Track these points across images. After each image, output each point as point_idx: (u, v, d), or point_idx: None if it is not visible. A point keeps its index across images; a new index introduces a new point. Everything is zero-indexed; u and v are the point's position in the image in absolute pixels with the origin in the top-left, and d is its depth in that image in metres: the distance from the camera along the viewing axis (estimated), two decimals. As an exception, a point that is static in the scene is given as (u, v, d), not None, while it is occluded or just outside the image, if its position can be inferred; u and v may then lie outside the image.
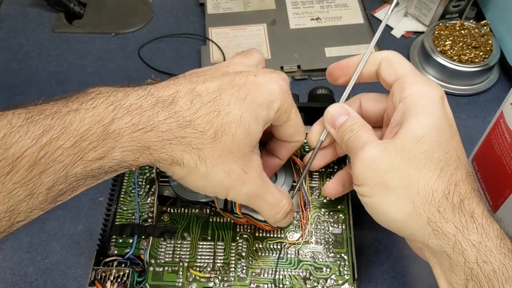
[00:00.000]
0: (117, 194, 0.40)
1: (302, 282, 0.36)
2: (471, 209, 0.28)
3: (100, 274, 0.36)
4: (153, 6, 0.64)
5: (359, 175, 0.30)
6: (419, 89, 0.31)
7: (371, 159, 0.29)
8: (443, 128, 0.29)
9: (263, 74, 0.32)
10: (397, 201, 0.29)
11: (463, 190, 0.28)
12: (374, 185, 0.29)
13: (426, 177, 0.28)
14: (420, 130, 0.29)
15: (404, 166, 0.28)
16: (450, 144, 0.29)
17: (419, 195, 0.28)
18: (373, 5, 0.64)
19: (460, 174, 0.29)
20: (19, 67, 0.57)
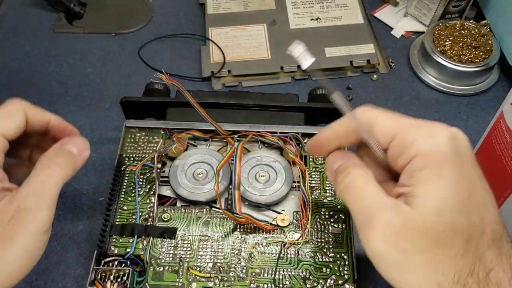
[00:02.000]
0: (117, 194, 0.40)
1: (302, 282, 0.36)
2: (498, 280, 0.25)
3: (100, 274, 0.36)
4: (153, 6, 0.64)
5: (376, 249, 0.26)
6: (423, 146, 0.26)
7: (392, 234, 0.25)
8: (461, 189, 0.25)
9: None
10: (420, 282, 0.25)
11: (488, 261, 0.25)
12: (394, 262, 0.26)
13: (452, 255, 0.25)
14: (438, 201, 0.25)
15: (429, 247, 0.25)
16: (471, 205, 0.25)
17: (445, 276, 0.25)
18: (373, 5, 0.64)
19: (486, 240, 0.25)
20: (19, 67, 0.57)
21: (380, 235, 0.26)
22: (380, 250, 0.26)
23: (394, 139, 0.27)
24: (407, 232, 0.25)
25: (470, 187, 0.26)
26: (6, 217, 0.28)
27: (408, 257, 0.25)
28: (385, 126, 0.28)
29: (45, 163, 0.31)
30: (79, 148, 0.33)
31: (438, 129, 0.27)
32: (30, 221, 0.29)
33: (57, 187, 0.30)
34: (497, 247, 0.25)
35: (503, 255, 0.25)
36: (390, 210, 0.26)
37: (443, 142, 0.26)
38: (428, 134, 0.26)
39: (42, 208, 0.29)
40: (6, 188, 0.30)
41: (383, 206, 0.26)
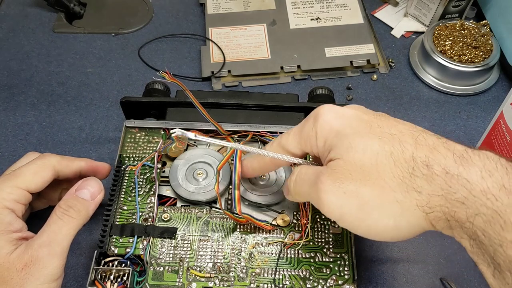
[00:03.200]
0: (117, 194, 0.40)
1: (302, 282, 0.36)
2: (443, 165, 0.26)
3: (100, 274, 0.36)
4: (153, 6, 0.64)
5: (332, 205, 0.29)
6: (309, 132, 0.32)
7: (336, 185, 0.29)
8: (361, 125, 0.30)
9: None
10: (384, 211, 0.28)
11: (420, 156, 0.27)
12: (353, 207, 0.28)
13: (387, 170, 0.27)
14: (350, 143, 0.29)
15: (365, 174, 0.28)
16: (376, 130, 0.29)
17: (396, 192, 0.27)
18: (373, 5, 0.64)
19: (408, 143, 0.28)
20: (19, 67, 0.57)
21: (328, 191, 0.29)
22: (336, 208, 0.29)
23: (300, 143, 0.33)
24: (342, 176, 0.28)
25: (366, 122, 0.30)
26: (20, 265, 0.31)
27: (358, 196, 0.28)
28: (292, 143, 0.33)
29: (59, 214, 0.34)
30: (93, 192, 0.36)
31: (318, 112, 0.32)
32: (41, 270, 0.31)
33: (69, 237, 0.33)
34: (424, 144, 0.27)
35: (439, 144, 0.27)
36: (324, 170, 0.30)
37: (326, 117, 0.31)
38: (313, 120, 0.32)
39: (53, 258, 0.32)
40: (24, 238, 0.33)
41: (319, 171, 0.30)
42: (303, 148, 0.33)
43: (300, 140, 0.32)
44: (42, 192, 0.37)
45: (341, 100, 0.54)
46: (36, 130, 0.51)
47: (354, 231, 0.30)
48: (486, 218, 0.24)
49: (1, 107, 0.53)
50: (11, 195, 0.34)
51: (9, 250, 0.32)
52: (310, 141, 0.32)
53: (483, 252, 0.25)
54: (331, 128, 0.30)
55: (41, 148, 0.50)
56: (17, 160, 0.39)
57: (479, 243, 0.25)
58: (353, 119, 0.30)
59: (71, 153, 0.49)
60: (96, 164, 0.40)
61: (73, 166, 0.38)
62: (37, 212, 0.40)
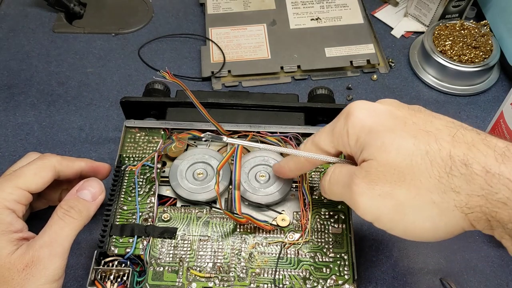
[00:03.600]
0: (117, 194, 0.40)
1: (302, 282, 0.36)
2: (483, 163, 0.25)
3: (100, 274, 0.36)
4: (153, 6, 0.64)
5: (368, 208, 0.28)
6: (345, 129, 0.31)
7: (370, 187, 0.28)
8: (394, 122, 0.28)
9: None
10: (420, 213, 0.27)
11: (458, 155, 0.26)
12: (388, 208, 0.28)
13: (422, 171, 0.26)
14: (384, 142, 0.28)
15: (401, 174, 0.27)
16: (411, 127, 0.28)
17: (432, 193, 0.26)
18: (373, 5, 0.64)
19: (444, 140, 0.27)
20: (19, 67, 0.57)
21: (362, 193, 0.28)
22: (371, 210, 0.28)
23: (332, 141, 0.32)
24: (377, 178, 0.28)
25: (399, 118, 0.29)
26: (21, 266, 0.31)
27: (393, 198, 0.27)
28: (324, 141, 0.32)
29: (60, 215, 0.34)
30: (94, 193, 0.36)
31: (349, 109, 0.31)
32: (42, 271, 0.31)
33: (70, 237, 0.33)
34: (461, 141, 0.26)
35: (479, 139, 0.26)
36: (357, 171, 0.29)
37: (357, 114, 0.30)
38: (345, 117, 0.31)
39: (55, 258, 0.32)
40: (24, 238, 0.33)
41: (352, 172, 0.29)
42: (336, 147, 0.32)
43: (333, 139, 0.31)
44: (42, 192, 0.37)
45: (341, 100, 0.54)
46: (36, 130, 0.51)
47: (391, 232, 0.29)
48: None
49: (1, 107, 0.53)
50: (12, 196, 0.34)
51: (10, 251, 0.32)
52: (342, 140, 0.31)
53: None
54: (363, 126, 0.29)
55: (41, 148, 0.50)
56: (17, 160, 0.39)
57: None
58: (386, 115, 0.29)
59: (71, 153, 0.49)
60: (96, 165, 0.40)
61: (74, 167, 0.38)
62: (37, 212, 0.40)
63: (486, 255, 0.42)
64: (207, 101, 0.43)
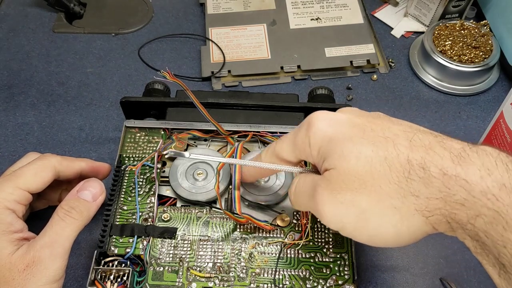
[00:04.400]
0: (117, 194, 0.40)
1: (302, 282, 0.36)
2: (440, 166, 0.25)
3: (100, 274, 0.36)
4: (153, 6, 0.64)
5: (333, 216, 0.28)
6: (303, 140, 0.31)
7: (332, 195, 0.28)
8: (353, 132, 0.28)
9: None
10: (382, 219, 0.27)
11: (416, 159, 0.26)
12: (352, 215, 0.28)
13: (382, 176, 0.26)
14: (343, 151, 0.28)
15: (363, 179, 0.27)
16: (370, 135, 0.28)
17: (393, 198, 0.26)
18: (373, 5, 0.64)
19: (402, 145, 0.27)
20: (19, 67, 0.57)
21: (325, 202, 0.28)
22: (336, 219, 0.28)
23: (294, 151, 0.32)
24: (338, 186, 0.28)
25: (358, 126, 0.29)
26: (21, 266, 0.31)
27: (355, 206, 0.27)
28: (286, 152, 0.32)
29: (61, 215, 0.34)
30: (94, 193, 0.36)
31: (310, 119, 0.31)
32: (43, 271, 0.32)
33: (71, 238, 0.33)
34: (419, 145, 0.26)
35: (434, 142, 0.26)
36: (320, 181, 0.29)
37: (318, 124, 0.30)
38: (306, 127, 0.31)
39: (55, 259, 0.32)
40: (25, 238, 0.33)
41: (315, 182, 0.29)
42: (298, 156, 0.32)
43: (294, 149, 0.32)
44: (42, 192, 0.37)
45: (341, 100, 0.54)
46: (36, 130, 0.51)
47: (356, 239, 0.29)
48: (488, 219, 0.24)
49: (1, 107, 0.53)
50: (12, 196, 0.34)
51: (10, 251, 0.32)
52: (304, 150, 0.31)
53: (487, 253, 0.25)
54: (324, 136, 0.29)
55: (41, 148, 0.50)
56: (17, 160, 0.39)
57: (482, 244, 0.25)
58: (345, 124, 0.29)
59: (71, 153, 0.49)
60: (96, 165, 0.40)
61: (74, 167, 0.38)
62: (37, 212, 0.40)
63: (486, 255, 0.42)
64: (207, 101, 0.43)
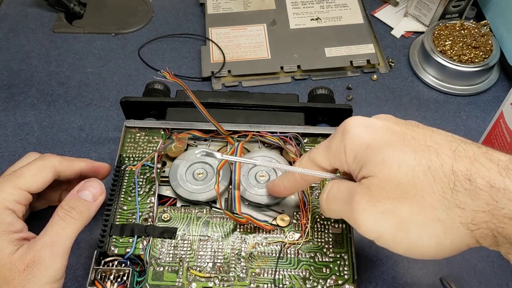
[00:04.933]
0: (117, 194, 0.40)
1: (302, 282, 0.36)
2: (487, 178, 0.25)
3: (100, 274, 0.36)
4: (153, 6, 0.64)
5: (370, 227, 0.28)
6: (342, 144, 0.30)
7: (372, 203, 0.27)
8: (393, 138, 0.28)
9: None
10: (424, 230, 0.26)
11: (461, 170, 0.25)
12: (391, 226, 0.27)
13: (425, 186, 0.26)
14: (384, 158, 0.27)
15: (404, 190, 0.26)
16: (410, 142, 0.27)
17: (436, 209, 0.25)
18: (373, 5, 0.64)
19: (446, 155, 0.26)
20: (19, 67, 0.57)
21: (364, 211, 0.27)
22: (374, 228, 0.27)
23: (329, 158, 0.31)
24: (378, 195, 0.27)
25: (397, 133, 0.28)
26: (22, 266, 0.31)
27: (396, 215, 0.26)
28: (321, 158, 0.32)
29: (61, 215, 0.34)
30: (94, 193, 0.36)
31: (345, 125, 0.30)
32: (43, 271, 0.31)
33: (71, 238, 0.33)
34: (463, 155, 0.26)
35: (480, 154, 0.26)
36: (358, 188, 0.28)
37: (354, 131, 0.29)
38: (341, 134, 0.30)
39: (56, 259, 0.32)
40: (25, 238, 0.33)
41: (353, 189, 0.29)
42: (332, 164, 0.31)
43: (329, 156, 0.31)
44: (42, 192, 0.37)
45: (341, 100, 0.54)
46: (36, 130, 0.51)
47: (393, 250, 0.28)
48: None
49: (1, 107, 0.53)
50: (12, 196, 0.34)
51: (11, 251, 0.32)
52: (339, 157, 0.30)
53: None
54: (361, 143, 0.28)
55: (41, 148, 0.50)
56: (17, 160, 0.39)
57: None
58: (384, 131, 0.28)
59: (71, 153, 0.49)
60: (96, 165, 0.40)
61: (74, 167, 0.38)
62: (37, 212, 0.40)
63: (486, 255, 0.42)
64: (207, 101, 0.43)
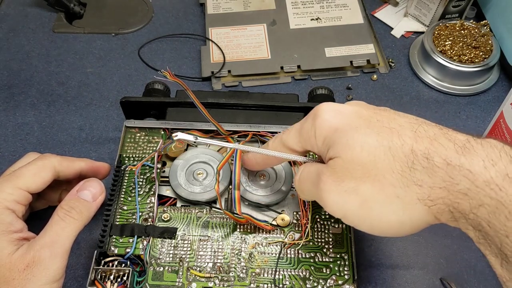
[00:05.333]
0: (117, 194, 0.40)
1: (302, 282, 0.36)
2: (444, 156, 0.26)
3: (100, 274, 0.36)
4: (153, 6, 0.64)
5: (335, 203, 0.29)
6: (307, 128, 0.32)
7: (337, 182, 0.29)
8: (358, 125, 0.29)
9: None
10: (385, 207, 0.27)
11: (420, 149, 0.26)
12: (356, 203, 0.28)
13: (386, 166, 0.27)
14: (348, 138, 0.29)
15: (364, 174, 0.28)
16: (374, 124, 0.29)
17: (396, 187, 0.27)
18: (373, 5, 0.64)
19: (407, 136, 0.27)
20: (19, 67, 0.57)
21: (329, 190, 0.29)
22: (339, 206, 0.29)
23: (300, 141, 0.32)
24: (342, 174, 0.28)
25: (364, 117, 0.29)
26: (22, 266, 0.31)
27: (358, 194, 0.28)
28: (292, 140, 0.33)
29: (61, 215, 0.34)
30: (94, 193, 0.36)
31: (317, 110, 0.31)
32: (43, 271, 0.32)
33: (71, 238, 0.34)
34: (424, 136, 0.27)
35: (438, 134, 0.27)
36: (324, 169, 0.30)
37: (324, 115, 0.31)
38: (312, 118, 0.31)
39: (55, 259, 0.32)
40: (24, 238, 0.33)
41: (320, 170, 0.30)
42: (303, 146, 0.33)
43: (300, 139, 0.32)
44: (42, 192, 0.37)
45: (341, 100, 0.54)
46: (36, 130, 0.51)
47: (358, 228, 0.30)
48: (491, 209, 0.24)
49: (1, 107, 0.53)
50: (12, 196, 0.34)
51: (10, 251, 0.32)
52: (310, 140, 0.31)
53: (489, 243, 0.25)
54: (330, 126, 0.30)
55: (41, 148, 0.50)
56: (17, 160, 0.39)
57: (484, 234, 0.25)
58: (352, 115, 0.30)
59: (71, 153, 0.49)
60: (96, 165, 0.40)
61: (74, 167, 0.38)
62: (37, 212, 0.40)
63: (486, 255, 0.42)
64: (207, 101, 0.43)
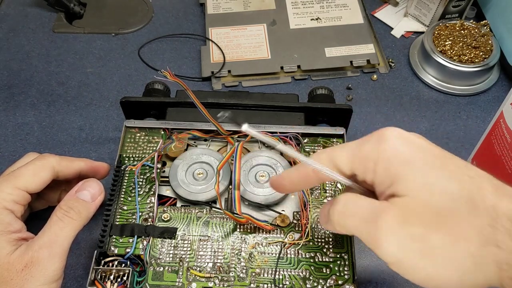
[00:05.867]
0: (117, 194, 0.40)
1: (302, 282, 0.36)
2: None
3: (100, 274, 0.36)
4: (153, 6, 0.64)
5: (392, 254, 0.25)
6: (376, 153, 0.27)
7: (400, 228, 0.25)
8: (434, 162, 0.26)
9: None
10: (451, 262, 0.24)
11: (504, 208, 0.24)
12: (415, 256, 0.25)
13: (463, 218, 0.24)
14: (421, 180, 0.25)
15: (438, 220, 0.25)
16: (451, 171, 0.26)
17: (470, 240, 0.24)
18: (373, 5, 0.64)
19: (489, 191, 0.25)
20: (19, 67, 0.57)
21: (391, 233, 0.25)
22: (396, 251, 0.25)
23: (353, 162, 0.28)
24: (412, 218, 0.25)
25: (440, 157, 0.26)
26: (20, 266, 0.31)
27: (425, 242, 0.24)
28: (342, 159, 0.29)
29: (60, 216, 0.34)
30: (93, 194, 0.36)
31: (383, 133, 0.27)
32: (42, 271, 0.31)
33: (69, 238, 0.33)
34: (504, 193, 0.25)
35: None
36: (388, 208, 0.25)
37: (392, 142, 0.27)
38: (376, 141, 0.27)
39: (54, 259, 0.32)
40: (23, 238, 0.33)
41: (381, 208, 0.26)
42: (354, 168, 0.28)
43: (354, 159, 0.28)
44: (41, 192, 0.37)
45: (341, 100, 0.54)
46: (36, 130, 0.51)
47: (407, 277, 0.26)
48: None
49: (1, 107, 0.53)
50: (11, 196, 0.34)
51: (9, 251, 0.32)
52: (366, 165, 0.27)
53: None
54: (398, 155, 0.26)
55: (41, 148, 0.50)
56: (17, 160, 0.39)
57: None
58: (425, 150, 0.26)
59: (71, 153, 0.49)
60: (95, 165, 0.40)
61: (73, 167, 0.38)
62: (37, 213, 0.40)
63: (486, 255, 0.42)
64: (207, 101, 0.43)
